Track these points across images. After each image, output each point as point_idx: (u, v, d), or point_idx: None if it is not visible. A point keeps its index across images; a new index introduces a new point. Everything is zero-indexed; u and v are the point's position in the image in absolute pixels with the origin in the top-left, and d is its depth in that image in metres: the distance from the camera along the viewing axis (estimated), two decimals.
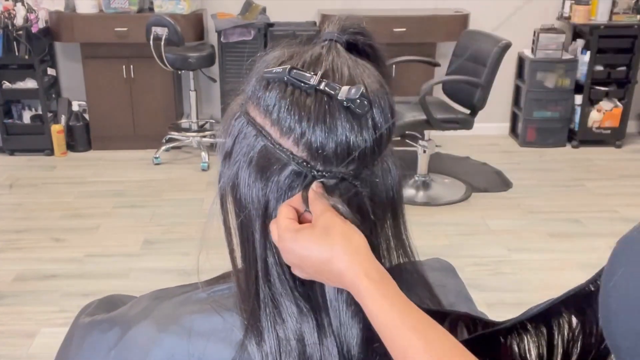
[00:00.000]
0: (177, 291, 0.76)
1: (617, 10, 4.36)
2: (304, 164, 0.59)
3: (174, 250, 3.04)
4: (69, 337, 0.81)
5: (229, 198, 0.66)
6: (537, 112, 4.50)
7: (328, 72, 0.59)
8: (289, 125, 0.58)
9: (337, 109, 0.58)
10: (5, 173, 4.07)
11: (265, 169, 0.60)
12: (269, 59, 0.63)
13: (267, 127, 0.60)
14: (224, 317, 0.67)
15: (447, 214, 3.50)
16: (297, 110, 0.58)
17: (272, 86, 0.60)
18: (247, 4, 4.32)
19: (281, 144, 0.59)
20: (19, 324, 2.50)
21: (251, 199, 0.62)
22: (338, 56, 0.61)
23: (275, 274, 0.63)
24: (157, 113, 4.39)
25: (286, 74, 0.58)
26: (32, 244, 3.13)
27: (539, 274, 2.85)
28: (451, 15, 4.32)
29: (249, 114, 0.62)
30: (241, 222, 0.64)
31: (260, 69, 0.62)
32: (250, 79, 0.64)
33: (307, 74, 0.58)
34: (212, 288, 0.72)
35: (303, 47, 0.64)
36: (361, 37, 0.64)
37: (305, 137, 0.58)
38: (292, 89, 0.59)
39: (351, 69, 0.60)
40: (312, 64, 0.60)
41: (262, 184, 0.61)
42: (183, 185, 3.89)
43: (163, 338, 0.67)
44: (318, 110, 0.58)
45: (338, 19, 0.65)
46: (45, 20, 4.22)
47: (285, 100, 0.59)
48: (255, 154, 0.61)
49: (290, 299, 0.62)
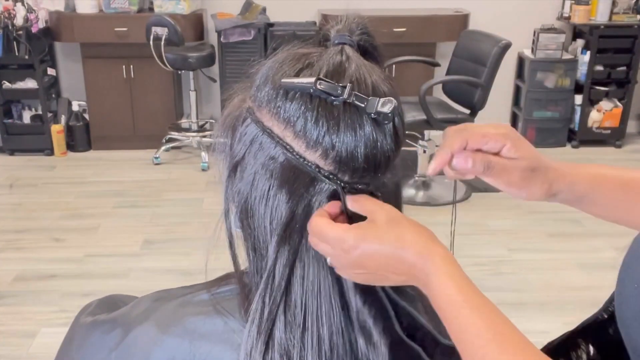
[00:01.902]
0: (179, 292, 0.76)
1: (617, 10, 4.36)
2: (332, 176, 0.58)
3: (174, 250, 3.04)
4: (69, 337, 0.81)
5: (235, 208, 0.64)
6: (537, 112, 4.50)
7: (353, 83, 0.58)
8: (316, 138, 0.57)
9: (364, 119, 0.57)
10: (5, 173, 4.07)
11: (289, 183, 0.59)
12: (282, 65, 0.60)
13: (288, 138, 0.58)
14: (225, 319, 0.66)
15: (447, 214, 3.49)
16: (325, 122, 0.57)
17: (293, 96, 0.58)
18: (247, 4, 4.32)
19: (306, 157, 0.58)
20: (19, 324, 2.50)
21: (270, 214, 0.60)
22: (357, 63, 0.60)
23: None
24: (157, 113, 4.39)
25: (313, 85, 0.56)
26: (32, 244, 3.13)
27: (539, 274, 2.85)
28: (451, 15, 4.32)
29: (262, 122, 0.60)
30: (255, 236, 0.63)
31: (272, 75, 0.60)
32: (258, 83, 0.61)
33: (334, 86, 0.56)
34: (214, 290, 0.72)
35: (313, 50, 0.62)
36: (367, 37, 0.64)
37: (335, 149, 0.57)
38: (318, 101, 0.57)
39: (371, 76, 0.59)
40: (336, 73, 0.58)
41: (285, 198, 0.59)
42: (183, 185, 3.89)
43: (164, 339, 0.67)
44: (346, 122, 0.57)
45: (345, 19, 0.64)
46: (45, 20, 4.22)
47: (312, 112, 0.57)
48: (277, 166, 0.59)
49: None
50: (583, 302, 2.53)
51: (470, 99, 3.46)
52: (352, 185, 0.59)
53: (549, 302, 2.62)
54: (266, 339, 0.60)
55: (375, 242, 0.56)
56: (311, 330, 0.60)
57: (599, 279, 2.75)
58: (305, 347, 0.60)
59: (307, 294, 0.60)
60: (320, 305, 0.60)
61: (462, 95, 3.56)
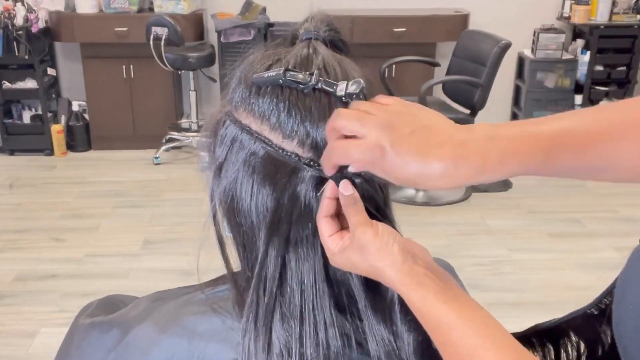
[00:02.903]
0: (178, 293, 0.76)
1: (617, 10, 4.36)
2: (313, 163, 0.59)
3: (174, 250, 3.04)
4: (69, 338, 0.81)
5: (222, 209, 0.65)
6: (537, 112, 4.49)
7: (321, 70, 0.59)
8: (291, 127, 0.58)
9: (336, 104, 0.58)
10: (5, 173, 4.07)
11: (271, 175, 0.59)
12: (252, 64, 0.63)
13: (265, 132, 0.59)
14: (223, 317, 0.67)
15: (447, 214, 3.50)
16: (297, 111, 0.58)
17: (265, 91, 0.59)
18: (247, 4, 4.32)
19: (284, 148, 0.59)
20: (19, 324, 2.50)
21: (255, 208, 0.61)
22: (324, 53, 0.61)
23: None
24: (157, 113, 4.39)
25: (281, 76, 0.58)
26: (32, 244, 3.13)
27: (539, 274, 2.85)
28: (451, 15, 4.32)
29: (240, 121, 0.61)
30: (243, 232, 0.63)
31: (244, 75, 0.62)
32: (233, 86, 0.63)
33: (301, 75, 0.58)
34: (212, 289, 0.72)
35: (282, 48, 0.64)
36: (334, 33, 0.65)
37: (310, 136, 0.58)
38: (288, 91, 0.58)
39: (340, 65, 0.61)
40: (303, 64, 0.60)
41: (270, 190, 0.60)
42: (183, 185, 3.89)
43: (163, 339, 0.67)
44: (319, 108, 0.58)
45: (310, 18, 0.65)
46: (45, 20, 4.22)
47: (284, 103, 0.58)
48: (258, 161, 0.60)
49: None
50: (583, 302, 2.51)
51: (470, 99, 3.46)
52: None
53: (549, 302, 2.62)
54: (266, 334, 0.61)
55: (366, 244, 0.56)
56: (308, 321, 0.60)
57: (599, 279, 2.75)
58: (304, 339, 0.60)
59: (303, 284, 0.60)
60: (315, 295, 0.60)
61: (462, 95, 3.56)
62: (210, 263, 0.72)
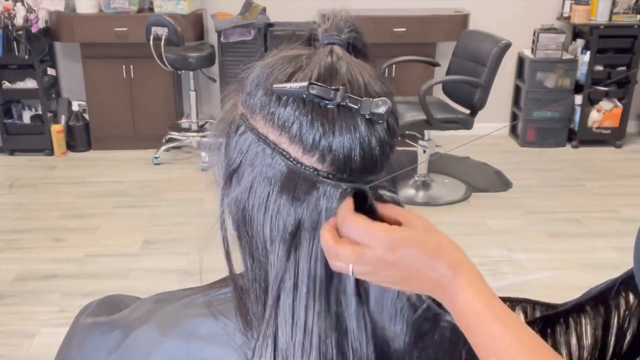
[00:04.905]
0: (179, 295, 0.75)
1: (617, 10, 4.36)
2: (332, 177, 0.57)
3: (174, 250, 3.04)
4: (69, 338, 0.81)
5: (231, 217, 0.64)
6: (537, 112, 4.50)
7: (346, 85, 0.57)
8: (312, 142, 0.56)
9: (358, 120, 0.57)
10: (5, 173, 4.07)
11: (288, 188, 0.58)
12: (272, 69, 0.60)
13: (284, 144, 0.57)
14: (225, 321, 0.66)
15: (447, 214, 3.50)
16: (320, 126, 0.56)
17: (286, 101, 0.57)
18: (247, 4, 4.32)
19: (304, 162, 0.57)
20: (19, 324, 2.50)
21: (270, 221, 0.59)
22: (347, 63, 0.59)
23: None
24: (157, 113, 4.39)
25: (305, 91, 0.55)
26: (32, 244, 3.13)
27: (539, 274, 2.85)
28: (451, 15, 4.32)
29: (257, 129, 0.59)
30: (253, 243, 0.62)
31: (263, 80, 0.59)
32: (249, 89, 0.61)
33: (327, 89, 0.56)
34: (214, 292, 0.72)
35: (302, 51, 0.61)
36: (356, 35, 0.63)
37: (332, 152, 0.56)
38: (311, 104, 0.56)
39: (363, 76, 0.59)
40: (328, 76, 0.58)
41: (287, 204, 0.58)
42: (183, 185, 3.89)
43: (164, 341, 0.67)
44: (341, 125, 0.56)
45: (332, 18, 0.63)
46: (45, 20, 4.22)
47: (306, 117, 0.56)
48: (277, 174, 0.58)
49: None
50: None
51: (470, 99, 3.46)
52: (350, 185, 0.59)
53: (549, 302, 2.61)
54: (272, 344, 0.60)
55: (416, 246, 0.56)
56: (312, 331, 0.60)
57: (599, 279, 2.75)
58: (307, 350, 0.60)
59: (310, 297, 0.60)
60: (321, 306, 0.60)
61: (462, 95, 3.56)
62: (212, 263, 0.71)
